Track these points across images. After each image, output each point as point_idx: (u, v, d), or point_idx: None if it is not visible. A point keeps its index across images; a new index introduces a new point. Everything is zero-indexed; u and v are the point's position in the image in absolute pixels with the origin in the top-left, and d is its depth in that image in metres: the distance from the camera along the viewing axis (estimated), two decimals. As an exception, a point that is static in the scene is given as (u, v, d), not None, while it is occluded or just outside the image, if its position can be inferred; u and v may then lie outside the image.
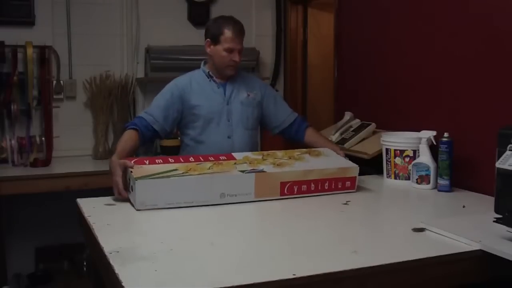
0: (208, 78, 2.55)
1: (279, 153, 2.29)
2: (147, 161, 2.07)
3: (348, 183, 2.24)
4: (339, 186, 2.22)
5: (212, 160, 2.12)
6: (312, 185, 2.16)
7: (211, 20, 2.60)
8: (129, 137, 2.30)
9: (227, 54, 2.46)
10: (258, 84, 2.66)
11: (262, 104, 2.62)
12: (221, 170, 2.06)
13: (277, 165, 2.17)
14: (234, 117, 2.53)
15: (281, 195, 2.11)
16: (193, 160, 2.10)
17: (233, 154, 2.23)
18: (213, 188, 2.00)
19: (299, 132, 2.64)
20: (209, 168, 2.06)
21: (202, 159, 2.12)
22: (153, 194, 1.94)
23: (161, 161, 2.07)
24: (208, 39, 2.50)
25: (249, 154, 2.26)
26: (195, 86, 2.53)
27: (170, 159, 2.09)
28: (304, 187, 2.15)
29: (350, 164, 2.32)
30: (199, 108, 2.49)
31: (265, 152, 2.28)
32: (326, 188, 2.19)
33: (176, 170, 2.02)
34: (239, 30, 2.48)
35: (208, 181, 2.01)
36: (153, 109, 2.46)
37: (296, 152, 2.32)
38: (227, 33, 2.45)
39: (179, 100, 2.49)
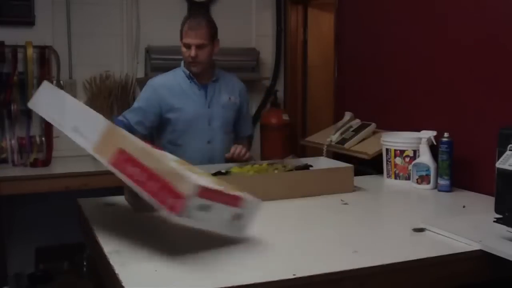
0: (189, 79, 2.46)
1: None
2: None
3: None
4: None
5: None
6: None
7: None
8: None
9: (186, 50, 2.36)
10: (239, 89, 2.58)
11: (239, 110, 2.57)
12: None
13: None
14: (215, 121, 2.45)
15: None
16: None
17: None
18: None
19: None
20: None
21: None
22: (46, 102, 1.80)
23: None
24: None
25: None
26: (176, 87, 2.44)
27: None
28: None
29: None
30: (180, 111, 2.41)
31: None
32: None
33: None
34: (197, 24, 2.34)
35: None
36: (128, 113, 2.43)
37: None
38: (185, 27, 2.36)
39: (156, 104, 2.41)
